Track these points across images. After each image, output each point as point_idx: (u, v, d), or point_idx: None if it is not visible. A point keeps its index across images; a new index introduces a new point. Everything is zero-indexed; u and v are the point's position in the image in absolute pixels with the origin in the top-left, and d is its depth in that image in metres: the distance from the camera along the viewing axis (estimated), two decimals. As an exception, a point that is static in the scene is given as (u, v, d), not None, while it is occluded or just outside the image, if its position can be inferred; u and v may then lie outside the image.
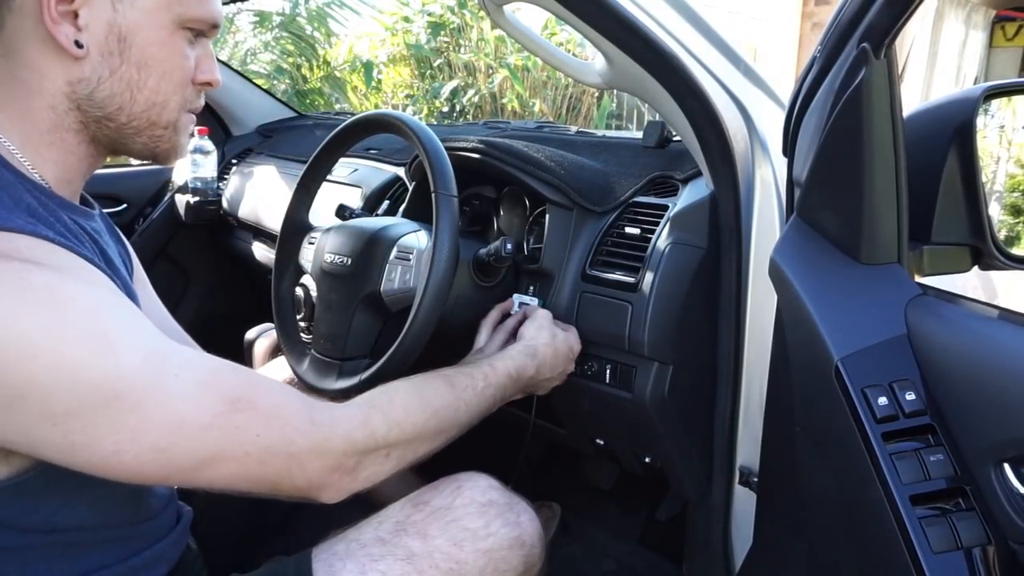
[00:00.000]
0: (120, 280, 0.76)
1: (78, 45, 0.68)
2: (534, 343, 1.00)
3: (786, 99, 0.82)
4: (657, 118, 1.14)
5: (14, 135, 0.70)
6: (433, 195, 0.98)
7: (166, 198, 2.13)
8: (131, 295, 0.77)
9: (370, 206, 1.49)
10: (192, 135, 0.80)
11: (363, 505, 0.91)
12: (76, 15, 0.67)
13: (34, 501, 0.65)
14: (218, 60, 0.82)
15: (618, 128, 5.67)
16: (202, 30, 0.76)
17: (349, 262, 1.07)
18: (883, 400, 0.66)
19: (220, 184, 2.08)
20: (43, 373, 0.58)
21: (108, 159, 0.80)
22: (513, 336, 1.09)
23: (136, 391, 0.62)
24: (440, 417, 0.84)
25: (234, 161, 2.12)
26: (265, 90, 2.49)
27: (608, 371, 1.04)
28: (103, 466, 0.62)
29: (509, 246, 1.05)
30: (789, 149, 0.82)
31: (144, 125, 0.74)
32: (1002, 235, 0.81)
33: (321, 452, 0.72)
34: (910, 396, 0.66)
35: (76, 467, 0.62)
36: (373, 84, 5.11)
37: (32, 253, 0.61)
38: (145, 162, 2.29)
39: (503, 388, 0.94)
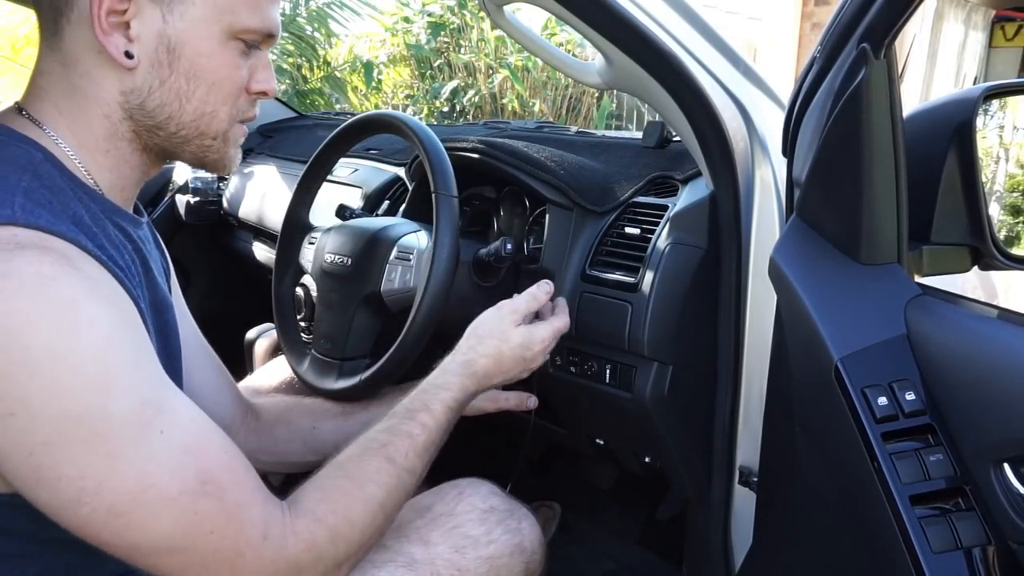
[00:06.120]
0: (158, 291, 0.76)
1: (128, 56, 0.68)
2: (471, 356, 0.90)
3: (786, 99, 0.82)
4: (657, 118, 1.13)
5: (72, 140, 0.70)
6: (433, 195, 0.99)
7: (166, 198, 2.13)
8: (167, 306, 0.77)
9: (370, 206, 1.49)
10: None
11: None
12: (128, 26, 0.68)
13: None
14: None
15: (618, 128, 5.67)
16: (256, 41, 0.75)
17: (349, 262, 1.07)
18: (883, 400, 0.66)
19: (220, 184, 2.08)
20: (37, 394, 0.56)
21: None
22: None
23: (115, 438, 0.59)
24: (386, 508, 0.76)
25: (234, 161, 2.12)
26: (265, 90, 2.49)
27: (608, 371, 1.04)
28: (61, 512, 0.60)
29: (509, 246, 1.05)
30: (789, 149, 0.82)
31: (193, 135, 0.74)
32: (1002, 235, 0.82)
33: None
34: (910, 396, 0.66)
35: (38, 505, 0.60)
36: (373, 84, 5.11)
37: (65, 260, 0.60)
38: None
39: (447, 424, 0.85)
